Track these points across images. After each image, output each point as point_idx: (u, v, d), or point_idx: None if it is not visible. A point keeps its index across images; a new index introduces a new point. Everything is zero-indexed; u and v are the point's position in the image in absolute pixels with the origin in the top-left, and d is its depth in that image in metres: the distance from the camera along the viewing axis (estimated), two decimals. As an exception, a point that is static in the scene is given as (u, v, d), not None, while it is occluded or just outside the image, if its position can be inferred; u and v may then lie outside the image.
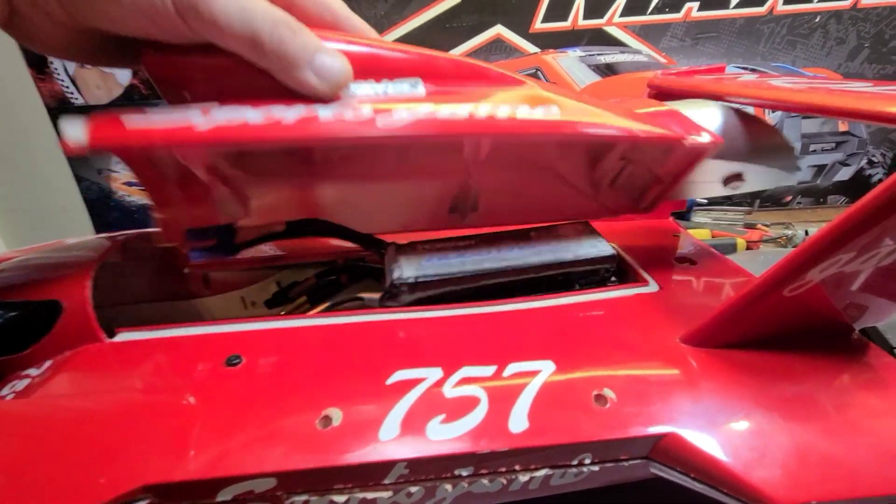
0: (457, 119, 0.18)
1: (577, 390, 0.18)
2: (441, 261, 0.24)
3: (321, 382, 0.18)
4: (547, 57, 0.53)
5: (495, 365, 0.19)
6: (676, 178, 0.25)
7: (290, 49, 0.17)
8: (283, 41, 0.17)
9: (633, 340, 0.21)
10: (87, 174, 0.59)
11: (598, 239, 0.26)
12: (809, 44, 0.54)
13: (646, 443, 0.17)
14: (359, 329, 0.22)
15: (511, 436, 0.16)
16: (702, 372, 0.19)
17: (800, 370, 0.19)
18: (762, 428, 0.17)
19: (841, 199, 0.60)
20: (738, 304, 0.19)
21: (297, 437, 0.16)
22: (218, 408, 0.17)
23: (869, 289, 0.19)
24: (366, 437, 0.16)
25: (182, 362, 0.20)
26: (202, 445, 0.16)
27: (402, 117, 0.18)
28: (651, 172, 0.27)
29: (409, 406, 0.17)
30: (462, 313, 0.23)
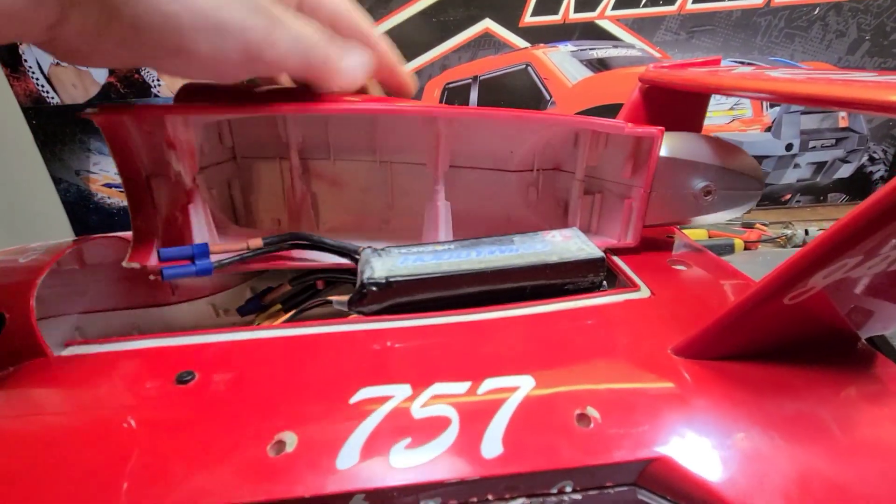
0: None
1: (558, 409, 0.16)
2: (416, 262, 0.23)
3: (278, 402, 0.17)
4: (537, 52, 0.51)
5: (470, 381, 0.17)
6: (645, 186, 0.26)
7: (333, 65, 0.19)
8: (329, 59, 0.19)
9: (620, 352, 0.19)
10: (65, 175, 0.57)
11: (586, 242, 0.24)
12: (808, 37, 0.52)
13: (633, 468, 0.15)
14: (324, 341, 0.20)
15: (483, 462, 0.15)
16: (695, 387, 0.17)
17: (802, 384, 0.17)
18: (761, 451, 0.15)
19: (841, 196, 0.59)
20: (734, 314, 0.17)
21: (246, 465, 0.15)
22: (161, 432, 0.16)
23: (877, 294, 0.17)
24: (321, 465, 0.15)
25: (130, 379, 0.18)
26: (137, 476, 0.14)
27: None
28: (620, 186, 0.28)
29: (372, 429, 0.16)
30: (435, 322, 0.21)
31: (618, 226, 0.28)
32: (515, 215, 0.31)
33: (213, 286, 0.32)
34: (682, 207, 0.27)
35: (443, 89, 0.54)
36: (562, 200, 0.31)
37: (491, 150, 0.30)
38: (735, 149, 0.27)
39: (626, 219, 0.27)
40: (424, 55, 0.53)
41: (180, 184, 0.24)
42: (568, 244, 0.24)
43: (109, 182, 0.58)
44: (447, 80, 0.53)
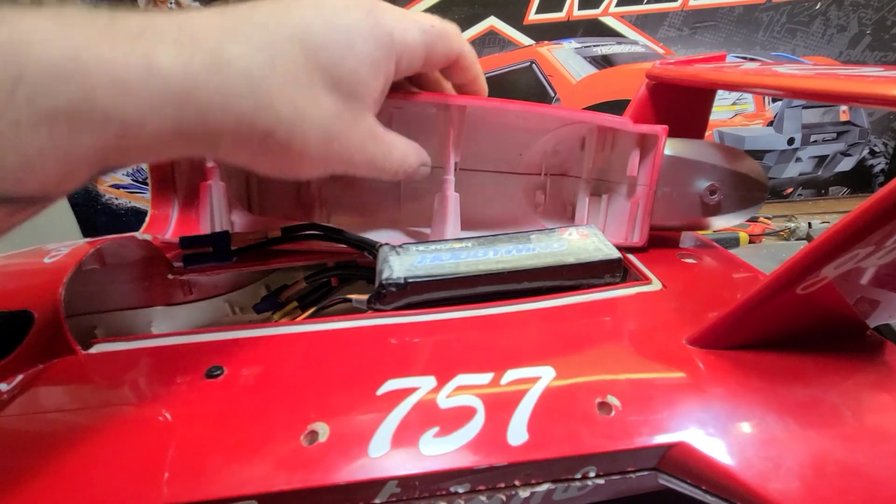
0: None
1: (579, 398, 0.17)
2: (433, 262, 0.23)
3: (307, 394, 0.17)
4: (542, 49, 0.52)
5: (492, 372, 0.18)
6: (651, 184, 0.27)
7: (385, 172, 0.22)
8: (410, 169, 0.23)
9: (636, 343, 0.20)
10: (73, 177, 0.57)
11: (604, 242, 0.24)
12: (810, 31, 0.53)
13: (654, 453, 0.16)
14: (347, 335, 0.21)
15: (510, 449, 0.15)
16: (711, 375, 0.18)
17: (813, 372, 0.18)
18: (777, 436, 0.16)
19: (843, 189, 0.59)
20: (748, 304, 0.18)
21: (281, 454, 0.15)
22: (196, 424, 0.16)
23: (884, 284, 0.18)
24: (354, 454, 0.15)
25: (159, 375, 0.19)
26: (177, 467, 0.15)
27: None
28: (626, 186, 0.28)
29: (401, 418, 0.16)
30: (456, 317, 0.22)
31: (625, 226, 0.28)
32: (523, 218, 0.32)
33: (229, 284, 0.32)
34: (688, 208, 0.27)
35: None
36: (569, 204, 0.31)
37: (500, 152, 0.31)
38: (739, 153, 0.28)
39: (633, 218, 0.28)
40: (429, 53, 0.53)
41: (200, 161, 0.25)
42: (585, 243, 0.24)
43: (117, 183, 0.58)
44: (452, 78, 0.54)
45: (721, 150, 0.27)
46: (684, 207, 0.27)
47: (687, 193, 0.27)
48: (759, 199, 0.28)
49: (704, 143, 0.28)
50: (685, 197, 0.27)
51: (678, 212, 0.28)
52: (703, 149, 0.27)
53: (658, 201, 0.27)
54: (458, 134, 0.26)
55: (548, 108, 0.26)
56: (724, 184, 0.27)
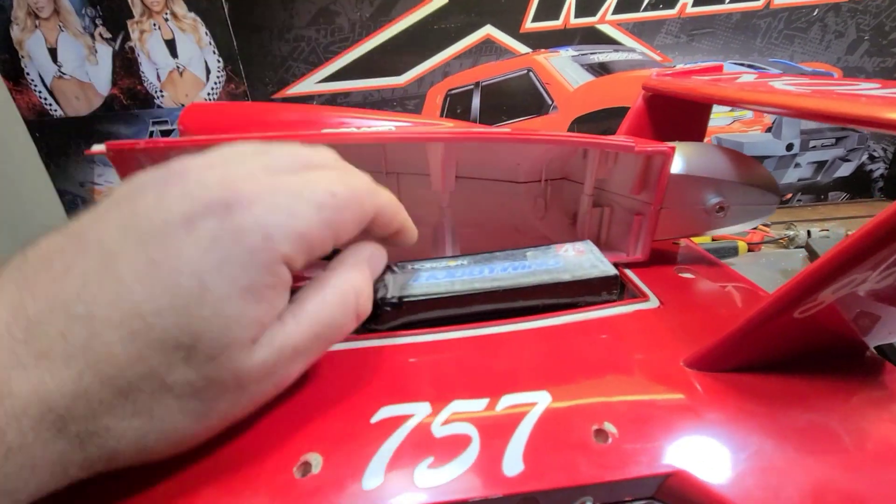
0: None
1: (575, 425, 0.17)
2: (429, 280, 0.23)
3: (300, 421, 0.17)
4: (539, 57, 0.52)
5: (487, 398, 0.18)
6: (656, 203, 0.26)
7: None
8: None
9: (633, 365, 0.20)
10: (70, 187, 0.57)
11: (599, 258, 0.24)
12: (807, 38, 0.53)
13: (651, 483, 0.16)
14: (341, 358, 0.20)
15: (505, 480, 0.15)
16: (709, 400, 0.18)
17: (813, 395, 0.18)
18: (775, 463, 0.16)
19: (842, 195, 0.59)
20: (746, 327, 0.17)
21: (274, 488, 0.15)
22: (183, 459, 0.16)
23: (886, 306, 0.17)
24: (348, 487, 0.15)
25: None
26: (165, 501, 0.14)
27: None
28: (629, 201, 0.28)
29: (395, 448, 0.16)
30: (451, 337, 0.21)
31: (627, 240, 0.28)
32: (523, 226, 0.31)
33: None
34: (694, 223, 0.27)
35: (445, 95, 0.54)
36: (570, 211, 0.31)
37: (498, 161, 0.30)
38: (749, 161, 0.27)
39: (636, 234, 0.27)
40: (426, 62, 0.53)
41: None
42: (581, 260, 0.24)
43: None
44: (449, 87, 0.54)
45: (730, 159, 0.26)
46: (690, 222, 0.27)
47: (693, 210, 0.26)
48: (768, 209, 0.27)
49: (713, 150, 0.27)
50: (691, 212, 0.26)
51: (683, 226, 0.27)
52: (711, 160, 0.26)
53: (662, 217, 0.26)
54: (449, 166, 0.26)
55: (548, 137, 0.25)
56: (733, 197, 0.26)
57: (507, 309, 0.23)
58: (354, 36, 0.52)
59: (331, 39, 0.52)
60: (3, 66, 0.52)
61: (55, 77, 0.52)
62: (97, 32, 0.51)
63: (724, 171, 0.26)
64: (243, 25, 0.51)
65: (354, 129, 0.23)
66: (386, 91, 0.54)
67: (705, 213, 0.26)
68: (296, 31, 0.52)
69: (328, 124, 0.23)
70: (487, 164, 0.30)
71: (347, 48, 0.53)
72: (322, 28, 0.52)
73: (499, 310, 0.23)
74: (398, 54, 0.52)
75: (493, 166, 0.30)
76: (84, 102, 0.53)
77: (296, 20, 0.51)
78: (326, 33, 0.52)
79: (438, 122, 0.25)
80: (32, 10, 0.49)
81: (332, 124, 0.24)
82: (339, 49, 0.53)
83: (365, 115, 0.25)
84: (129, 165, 0.22)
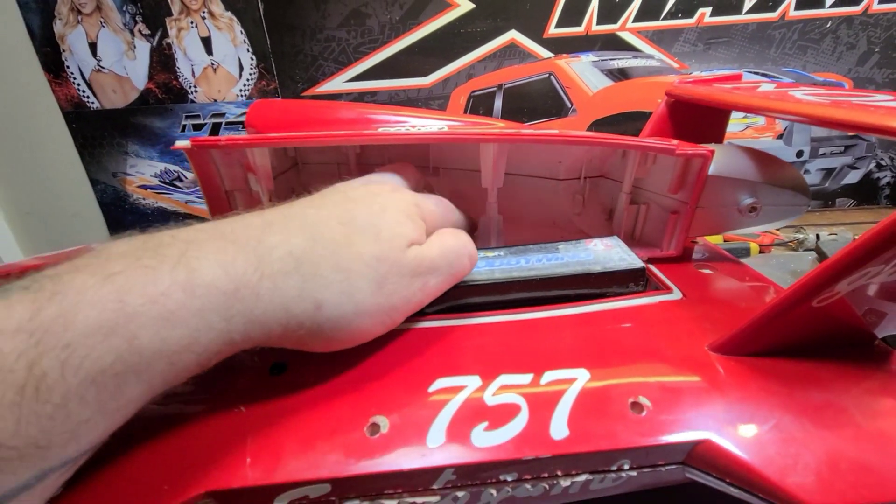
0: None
1: (614, 398, 0.19)
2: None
3: (365, 390, 0.19)
4: (560, 62, 0.54)
5: (532, 373, 0.20)
6: (692, 203, 0.27)
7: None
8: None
9: (662, 348, 0.21)
10: (102, 177, 0.59)
11: (627, 251, 0.26)
12: (820, 49, 0.54)
13: (682, 449, 0.18)
14: (397, 337, 0.22)
15: (553, 443, 0.17)
16: (732, 380, 0.19)
17: (826, 378, 0.20)
18: (793, 435, 0.17)
19: (849, 202, 0.61)
20: (767, 315, 0.19)
21: (349, 444, 0.17)
22: (269, 417, 0.18)
23: (891, 298, 0.19)
24: (414, 444, 0.17)
25: (224, 373, 0.21)
26: (258, 453, 0.16)
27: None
28: (666, 200, 0.29)
29: (453, 413, 0.18)
30: (495, 321, 0.23)
31: (662, 236, 0.29)
32: (561, 220, 0.33)
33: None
34: (727, 221, 0.28)
35: (468, 97, 0.56)
36: (606, 207, 0.33)
37: (540, 159, 0.32)
38: (781, 163, 0.28)
39: (671, 231, 0.28)
40: (451, 64, 0.55)
41: (257, 198, 0.27)
42: (610, 253, 0.26)
43: (145, 184, 0.60)
44: (473, 88, 0.55)
45: (764, 162, 0.27)
46: (722, 220, 0.28)
47: (727, 209, 0.27)
48: (799, 210, 0.28)
49: (748, 153, 0.28)
50: (725, 212, 0.28)
51: (716, 224, 0.28)
52: (746, 162, 0.27)
53: (697, 215, 0.28)
54: (500, 164, 0.28)
55: (593, 138, 0.27)
56: (766, 198, 0.27)
57: (541, 297, 0.25)
58: (384, 38, 0.54)
59: (361, 40, 0.54)
60: (44, 58, 0.54)
61: (94, 70, 0.54)
62: (136, 29, 0.53)
63: (758, 173, 0.27)
64: (277, 25, 0.53)
65: (410, 129, 0.24)
66: (412, 91, 0.56)
67: (738, 212, 0.27)
68: (327, 32, 0.54)
69: (384, 122, 0.25)
70: (531, 161, 0.32)
71: (376, 49, 0.54)
72: (353, 29, 0.54)
73: (534, 297, 0.25)
74: (425, 56, 0.54)
75: (536, 164, 0.32)
76: (121, 95, 0.55)
77: (328, 21, 0.53)
78: (357, 34, 0.54)
79: (489, 122, 0.27)
80: (75, 5, 0.51)
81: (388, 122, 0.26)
82: (368, 50, 0.55)
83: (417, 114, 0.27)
84: (205, 160, 0.24)
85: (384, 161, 0.32)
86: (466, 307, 0.24)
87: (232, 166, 0.26)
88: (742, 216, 0.28)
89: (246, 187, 0.26)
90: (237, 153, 0.25)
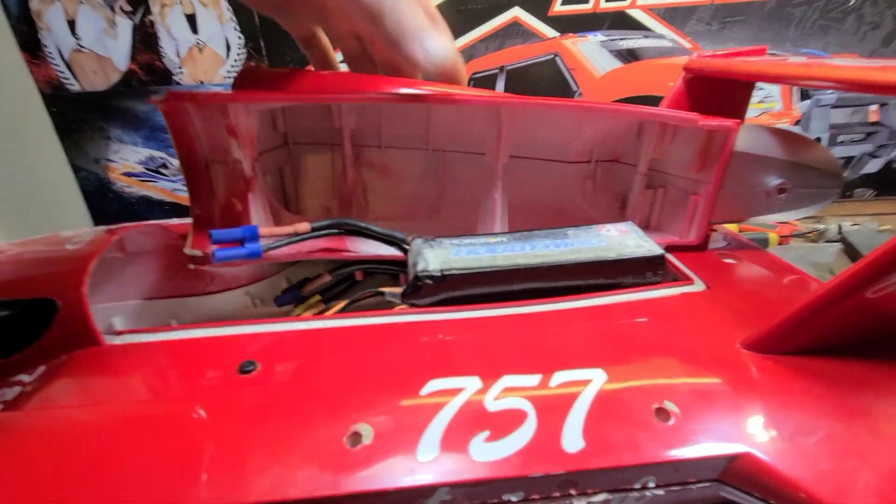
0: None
1: (635, 403, 0.16)
2: (469, 255, 0.22)
3: (347, 393, 0.17)
4: (566, 42, 0.51)
5: (540, 374, 0.17)
6: (715, 182, 0.25)
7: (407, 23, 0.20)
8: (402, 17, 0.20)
9: (688, 345, 0.19)
10: (84, 164, 0.57)
11: (643, 237, 0.23)
12: (843, 28, 0.51)
13: (717, 464, 0.15)
14: (384, 331, 0.20)
15: (566, 456, 0.14)
16: (772, 382, 0.17)
17: (880, 381, 0.17)
18: (849, 447, 0.15)
19: (868, 192, 0.58)
20: (814, 306, 0.17)
21: (325, 457, 0.14)
22: (232, 423, 0.15)
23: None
24: (402, 457, 0.14)
25: (189, 369, 0.18)
26: (216, 468, 0.14)
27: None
28: (685, 181, 0.26)
29: (448, 421, 0.15)
30: (496, 314, 0.21)
31: (680, 222, 0.27)
32: (570, 208, 0.30)
33: (250, 276, 0.31)
34: (752, 205, 0.26)
35: (468, 79, 0.53)
36: (619, 194, 0.30)
37: (548, 140, 0.29)
38: (810, 142, 0.25)
39: (691, 215, 0.26)
40: (451, 44, 0.52)
41: (239, 171, 0.24)
42: (625, 239, 0.23)
43: (129, 171, 0.57)
44: (473, 70, 0.53)
45: (790, 140, 0.25)
46: (748, 204, 0.26)
47: (753, 191, 0.25)
48: (831, 194, 0.25)
49: (772, 130, 0.26)
50: (750, 194, 0.25)
51: (740, 208, 0.26)
52: (770, 139, 0.25)
53: (719, 198, 0.25)
54: (508, 137, 0.25)
55: (608, 106, 0.25)
56: (796, 179, 0.25)
57: (548, 288, 0.22)
58: (378, 15, 0.51)
59: (355, 18, 0.51)
60: (20, 37, 0.51)
61: (73, 50, 0.52)
62: (117, 5, 0.50)
63: (785, 150, 0.25)
64: (266, 1, 0.50)
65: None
66: (408, 73, 0.53)
67: (766, 194, 0.25)
68: (319, 9, 0.51)
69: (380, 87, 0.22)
70: (538, 141, 0.29)
71: (371, 27, 0.52)
72: (346, 6, 0.51)
73: (540, 288, 0.22)
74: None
75: (545, 144, 0.30)
76: (101, 77, 0.53)
77: (320, -3, 0.50)
78: (351, 11, 0.51)
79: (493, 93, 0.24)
80: (52, -20, 0.49)
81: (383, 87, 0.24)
82: (362, 28, 0.52)
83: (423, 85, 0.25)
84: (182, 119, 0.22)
85: (380, 143, 0.29)
86: (465, 299, 0.22)
87: (213, 129, 0.23)
88: (769, 199, 0.25)
89: (227, 158, 0.24)
90: (219, 113, 0.22)
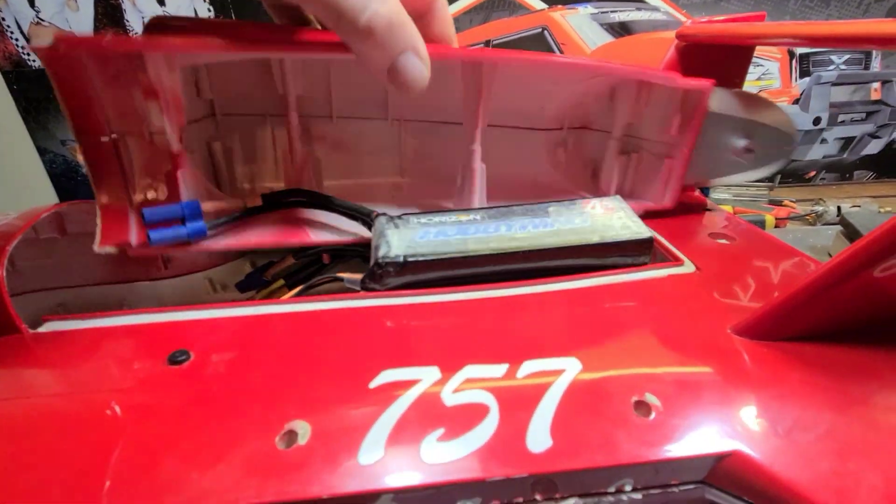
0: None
1: (613, 396, 0.14)
2: (438, 237, 0.20)
3: (286, 386, 0.15)
4: (555, 14, 0.48)
5: (506, 363, 0.15)
6: (686, 145, 0.25)
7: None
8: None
9: (674, 331, 0.17)
10: (50, 145, 0.54)
11: (631, 216, 0.21)
12: (845, 1, 0.49)
13: (703, 464, 0.13)
14: (336, 317, 0.18)
15: (531, 457, 0.13)
16: (766, 371, 0.15)
17: (885, 368, 0.15)
18: (851, 445, 0.13)
19: (868, 174, 0.56)
20: (813, 287, 0.15)
21: (252, 460, 0.12)
22: (151, 420, 0.13)
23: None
24: (341, 460, 0.12)
25: (115, 359, 0.16)
26: (122, 474, 0.12)
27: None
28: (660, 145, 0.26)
29: (398, 417, 0.13)
30: (463, 298, 0.19)
31: (655, 187, 0.26)
32: (543, 178, 0.29)
33: (210, 260, 0.29)
34: (720, 166, 0.26)
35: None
36: (590, 162, 0.29)
37: (520, 106, 0.27)
38: (768, 102, 0.26)
39: (665, 180, 0.26)
40: (434, 17, 0.49)
41: (161, 144, 0.19)
42: (610, 219, 0.21)
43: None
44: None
45: (750, 101, 0.25)
46: (717, 166, 0.26)
47: (722, 152, 0.25)
48: (788, 153, 0.26)
49: (734, 92, 0.26)
50: (719, 155, 0.25)
51: (710, 170, 0.26)
52: (733, 99, 0.25)
53: (691, 161, 0.25)
54: (488, 96, 0.23)
55: (585, 62, 0.24)
56: (759, 139, 0.25)
57: (523, 270, 0.20)
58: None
59: (331, -11, 0.48)
60: (-25, 9, 0.48)
61: (33, 23, 0.49)
62: (77, -26, 0.47)
63: (748, 110, 0.25)
64: (236, -30, 0.47)
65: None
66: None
67: (733, 155, 0.25)
68: (293, -21, 0.48)
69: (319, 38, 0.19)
70: (508, 108, 0.27)
71: (349, -1, 0.49)
72: (322, -25, 0.48)
73: (515, 270, 0.20)
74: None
75: (513, 111, 0.28)
76: (64, 52, 0.50)
77: (293, -34, 0.47)
78: (326, -19, 0.48)
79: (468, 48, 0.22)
80: (6, -54, 0.45)
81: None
82: (339, 0, 0.49)
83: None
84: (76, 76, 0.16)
85: (331, 113, 0.26)
86: (431, 282, 0.20)
87: (120, 89, 0.17)
88: (736, 160, 0.26)
89: (143, 129, 0.18)
90: (131, 67, 0.17)
